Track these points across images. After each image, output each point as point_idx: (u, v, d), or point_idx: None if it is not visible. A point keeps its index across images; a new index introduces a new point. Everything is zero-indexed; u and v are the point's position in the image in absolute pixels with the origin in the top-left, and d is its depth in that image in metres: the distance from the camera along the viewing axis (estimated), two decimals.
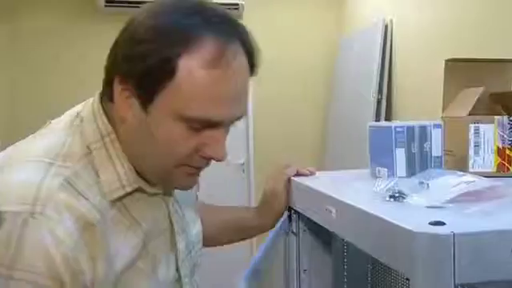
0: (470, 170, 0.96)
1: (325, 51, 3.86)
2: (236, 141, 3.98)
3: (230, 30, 0.67)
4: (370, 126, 1.01)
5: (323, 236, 1.03)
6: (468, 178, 0.77)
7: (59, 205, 0.62)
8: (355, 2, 3.60)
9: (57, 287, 0.60)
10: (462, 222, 0.62)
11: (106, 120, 0.71)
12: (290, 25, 3.86)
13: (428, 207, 0.69)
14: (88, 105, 0.74)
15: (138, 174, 0.71)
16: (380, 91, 3.02)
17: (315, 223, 0.91)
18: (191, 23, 0.64)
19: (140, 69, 0.64)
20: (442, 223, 0.58)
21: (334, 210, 0.80)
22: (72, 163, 0.67)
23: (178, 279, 0.79)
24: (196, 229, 0.87)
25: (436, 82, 2.46)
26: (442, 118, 1.04)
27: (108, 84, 0.69)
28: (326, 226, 0.84)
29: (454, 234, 0.55)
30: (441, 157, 0.95)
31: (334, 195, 0.81)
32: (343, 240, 1.05)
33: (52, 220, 0.60)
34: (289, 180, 1.03)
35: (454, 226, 0.57)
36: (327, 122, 3.80)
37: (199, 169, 0.72)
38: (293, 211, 1.02)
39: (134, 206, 0.71)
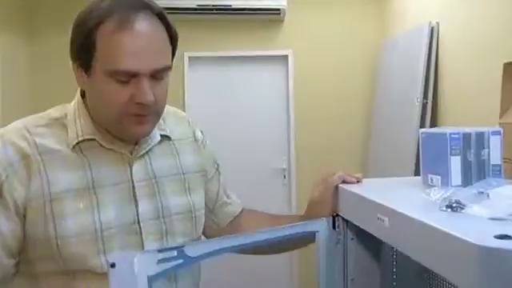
0: None
1: (368, 53, 3.79)
2: (277, 146, 3.98)
3: (138, 7, 0.86)
4: (422, 133, 0.97)
5: (371, 245, 0.99)
6: None
7: (6, 141, 0.89)
8: (399, 4, 3.52)
9: None
10: None
11: (79, 95, 0.96)
12: (332, 27, 3.82)
13: (491, 219, 0.65)
14: None
15: (109, 132, 0.92)
16: (425, 95, 2.93)
17: (363, 231, 0.88)
18: (105, 6, 0.86)
19: (78, 46, 0.87)
20: (509, 237, 0.55)
21: (386, 219, 0.77)
22: (43, 120, 0.93)
23: (139, 233, 0.92)
24: (178, 202, 0.98)
25: (486, 87, 2.36)
26: (499, 123, 0.98)
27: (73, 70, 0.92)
28: (378, 236, 0.82)
29: None
30: (500, 165, 0.90)
31: (386, 204, 0.78)
32: (393, 249, 1.01)
33: None
34: (336, 187, 1.01)
35: None
36: (370, 125, 3.73)
37: (142, 116, 0.89)
38: (340, 219, 0.99)
39: (90, 153, 0.92)
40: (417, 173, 1.58)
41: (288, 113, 3.89)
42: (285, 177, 3.89)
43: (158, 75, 0.88)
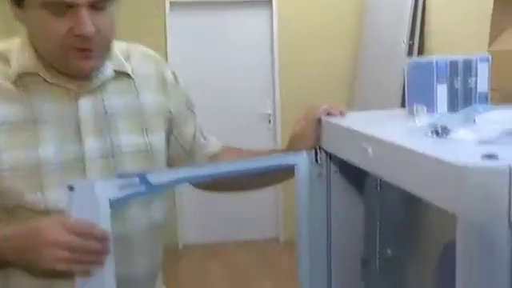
0: None
1: None
2: (262, 91, 3.92)
3: None
4: (410, 62, 0.94)
5: (355, 177, 0.98)
6: None
7: None
8: None
9: None
10: None
11: (24, 31, 0.91)
12: None
13: (477, 142, 0.63)
14: None
15: (53, 67, 0.88)
16: (412, 36, 2.88)
17: (347, 164, 0.87)
18: None
19: None
20: (495, 156, 0.53)
21: (370, 148, 0.75)
22: None
23: (83, 170, 0.90)
24: (132, 141, 0.95)
25: (474, 21, 2.30)
26: (488, 51, 0.95)
27: None
28: (362, 166, 0.80)
29: (510, 168, 0.50)
30: (487, 93, 0.88)
31: (369, 133, 0.76)
32: (377, 181, 1.00)
33: None
34: (319, 121, 0.98)
35: (510, 159, 0.51)
36: (356, 67, 3.68)
37: (86, 51, 0.85)
38: (322, 152, 0.97)
39: (32, 88, 0.89)
40: None
41: (272, 57, 3.81)
42: (270, 122, 3.87)
43: (98, 5, 0.83)
